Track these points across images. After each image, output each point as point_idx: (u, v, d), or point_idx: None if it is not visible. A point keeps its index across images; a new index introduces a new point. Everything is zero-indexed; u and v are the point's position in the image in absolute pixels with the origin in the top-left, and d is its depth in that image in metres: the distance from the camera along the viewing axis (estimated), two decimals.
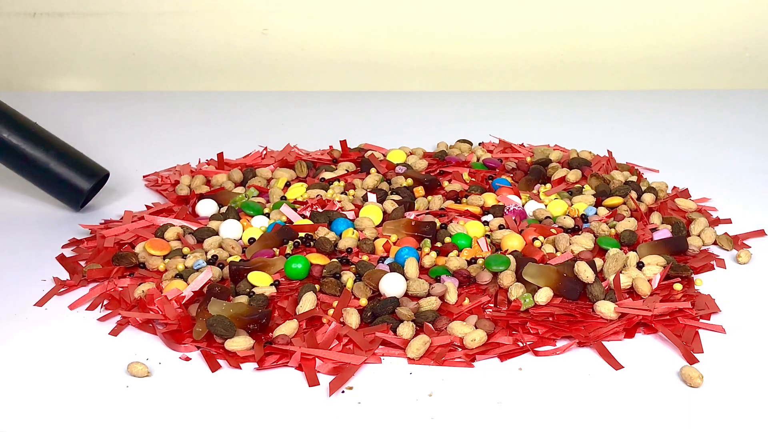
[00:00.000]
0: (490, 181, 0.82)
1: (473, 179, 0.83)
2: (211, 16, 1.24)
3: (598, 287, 0.61)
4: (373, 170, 0.83)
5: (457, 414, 0.50)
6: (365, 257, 0.68)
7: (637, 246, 0.68)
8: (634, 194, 0.76)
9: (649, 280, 0.62)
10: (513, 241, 0.68)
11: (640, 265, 0.65)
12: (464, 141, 0.94)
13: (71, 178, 0.77)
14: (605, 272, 0.64)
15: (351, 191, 0.79)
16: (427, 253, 0.67)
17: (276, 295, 0.62)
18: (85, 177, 0.77)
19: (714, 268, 0.67)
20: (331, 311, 0.59)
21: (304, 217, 0.74)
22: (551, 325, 0.58)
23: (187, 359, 0.55)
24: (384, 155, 0.88)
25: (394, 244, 0.69)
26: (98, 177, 0.78)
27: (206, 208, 0.77)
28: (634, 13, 1.23)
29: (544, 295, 0.60)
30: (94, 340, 0.58)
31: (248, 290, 0.62)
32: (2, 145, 0.76)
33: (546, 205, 0.76)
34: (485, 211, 0.75)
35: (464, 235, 0.69)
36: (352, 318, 0.58)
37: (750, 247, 0.70)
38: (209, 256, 0.67)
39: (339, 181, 0.82)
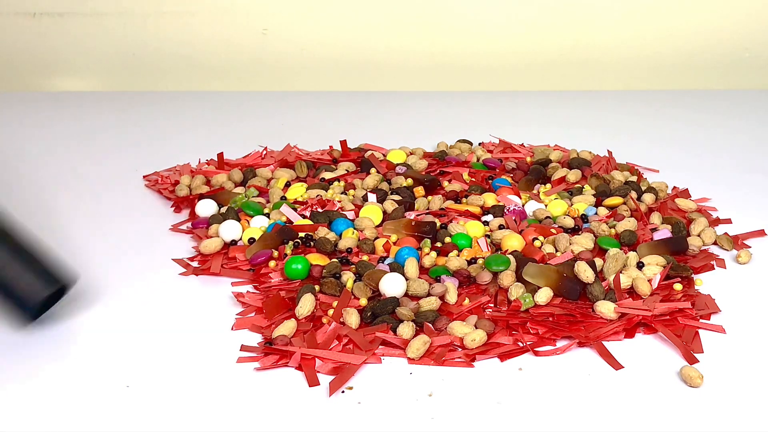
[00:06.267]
0: (490, 181, 0.82)
1: (473, 179, 0.83)
2: (211, 16, 1.24)
3: (598, 287, 0.61)
4: (373, 170, 0.83)
5: (457, 414, 0.50)
6: (365, 257, 0.68)
7: (637, 246, 0.68)
8: (634, 194, 0.76)
9: (649, 280, 0.62)
10: (513, 241, 0.68)
11: (640, 265, 0.65)
12: (464, 141, 0.94)
13: (23, 287, 0.57)
14: (605, 272, 0.64)
15: (351, 191, 0.79)
16: (427, 253, 0.67)
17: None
18: (41, 285, 0.57)
19: (714, 268, 0.67)
20: (331, 311, 0.59)
21: (304, 217, 0.74)
22: (551, 325, 0.58)
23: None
24: (384, 155, 0.88)
25: (394, 244, 0.69)
26: (55, 287, 0.58)
27: (206, 208, 0.77)
28: (634, 13, 1.23)
29: (544, 295, 0.60)
30: (93, 341, 0.58)
31: None
32: None
33: (546, 205, 0.76)
34: (485, 211, 0.75)
35: (464, 235, 0.69)
36: (352, 318, 0.58)
37: (750, 247, 0.70)
38: None
39: (339, 181, 0.82)
